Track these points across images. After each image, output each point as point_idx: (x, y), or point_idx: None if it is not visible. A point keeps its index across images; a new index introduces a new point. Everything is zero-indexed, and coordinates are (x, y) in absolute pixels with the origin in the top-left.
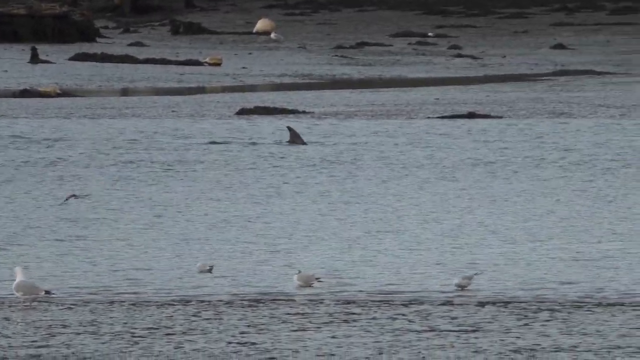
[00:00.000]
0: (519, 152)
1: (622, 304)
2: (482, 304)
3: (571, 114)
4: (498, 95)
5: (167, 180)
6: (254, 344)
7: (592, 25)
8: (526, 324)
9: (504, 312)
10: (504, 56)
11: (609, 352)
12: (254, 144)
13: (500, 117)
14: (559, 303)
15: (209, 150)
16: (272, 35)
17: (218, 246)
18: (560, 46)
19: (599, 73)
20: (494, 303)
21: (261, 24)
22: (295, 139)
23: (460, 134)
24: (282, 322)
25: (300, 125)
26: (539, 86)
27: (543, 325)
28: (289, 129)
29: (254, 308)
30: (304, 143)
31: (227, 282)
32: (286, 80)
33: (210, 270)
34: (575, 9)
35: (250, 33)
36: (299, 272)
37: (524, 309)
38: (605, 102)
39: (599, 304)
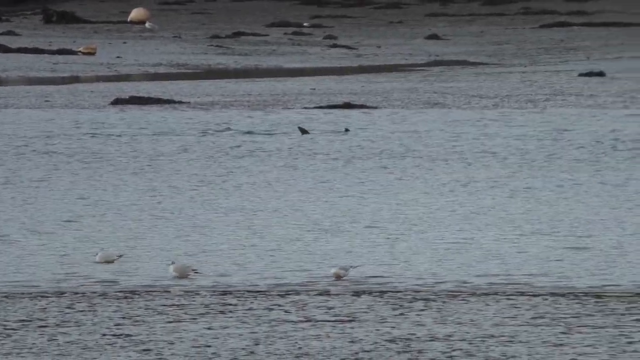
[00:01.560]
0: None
1: (496, 293)
2: (358, 294)
3: (445, 104)
4: (373, 85)
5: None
6: (128, 335)
7: (466, 16)
8: (402, 314)
9: (379, 302)
10: (379, 46)
11: (483, 341)
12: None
13: (376, 107)
14: (434, 292)
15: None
16: (147, 25)
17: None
18: (434, 37)
19: (473, 63)
20: (369, 293)
21: (135, 13)
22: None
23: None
24: (158, 314)
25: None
26: (414, 76)
27: (418, 314)
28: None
29: (129, 300)
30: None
31: (103, 274)
32: (161, 70)
33: (113, 261)
34: (449, 0)
35: (125, 22)
36: (173, 262)
37: (400, 298)
38: (479, 93)
39: (473, 294)
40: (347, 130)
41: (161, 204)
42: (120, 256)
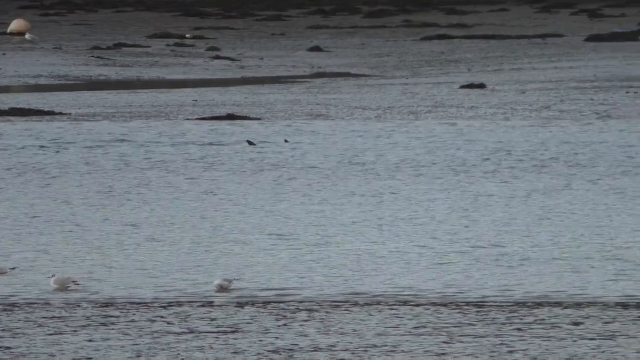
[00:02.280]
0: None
1: (379, 303)
2: (241, 305)
3: (329, 116)
4: (256, 97)
5: None
6: (8, 348)
7: (348, 28)
8: (285, 324)
9: (263, 312)
10: (262, 58)
11: (366, 350)
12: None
13: (259, 119)
14: (317, 303)
15: None
16: (27, 36)
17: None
18: (317, 49)
19: (355, 75)
20: (253, 303)
21: (15, 25)
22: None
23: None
24: (38, 326)
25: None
26: (297, 88)
27: (301, 325)
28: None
29: (9, 312)
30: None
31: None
32: (42, 81)
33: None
34: (331, 12)
35: (4, 33)
36: (53, 275)
37: (283, 309)
38: (362, 104)
39: (356, 303)
40: (286, 140)
41: (54, 217)
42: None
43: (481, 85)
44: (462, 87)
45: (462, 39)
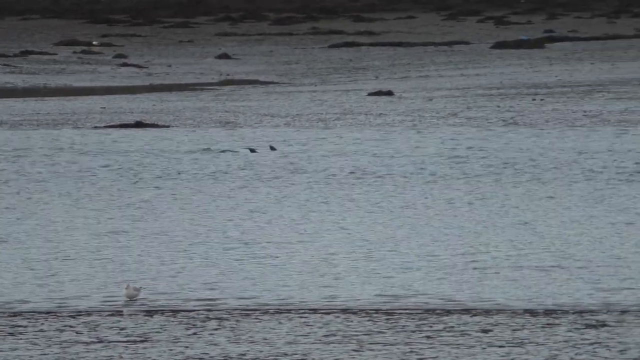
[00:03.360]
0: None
1: (289, 312)
2: (150, 314)
3: (237, 123)
4: (165, 104)
5: None
6: None
7: (256, 35)
8: (195, 333)
9: (172, 321)
10: (170, 65)
11: (276, 359)
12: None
13: (168, 127)
14: (227, 311)
15: None
16: None
17: None
18: (225, 56)
19: (264, 82)
20: (162, 312)
21: None
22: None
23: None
24: None
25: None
26: (205, 95)
27: (211, 334)
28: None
29: None
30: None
31: None
32: None
33: None
34: (239, 19)
35: None
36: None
37: (193, 317)
38: (270, 111)
39: (266, 312)
40: (253, 150)
41: None
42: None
43: (389, 93)
44: (370, 94)
45: (369, 47)
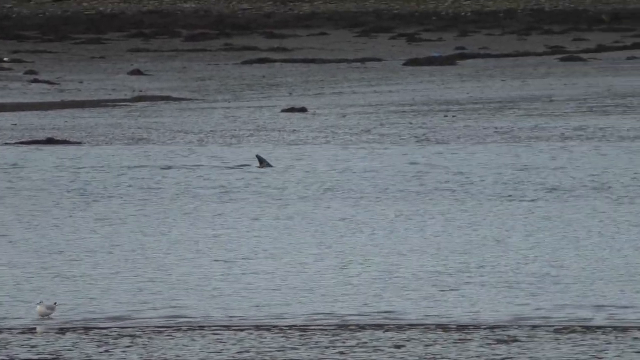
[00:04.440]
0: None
1: (202, 328)
2: (62, 331)
3: (150, 140)
4: (77, 120)
5: None
6: None
7: (169, 51)
8: (107, 351)
9: (84, 339)
10: (82, 82)
11: None
12: None
13: (80, 143)
14: (140, 329)
15: None
16: None
17: None
18: (137, 72)
19: (177, 99)
20: (74, 330)
21: None
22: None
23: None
24: None
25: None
26: (117, 112)
27: (124, 351)
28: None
29: None
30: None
31: None
32: None
33: None
34: (151, 35)
35: None
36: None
37: (105, 335)
38: (183, 128)
39: (179, 329)
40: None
41: None
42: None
43: (302, 109)
44: (284, 110)
45: (282, 63)
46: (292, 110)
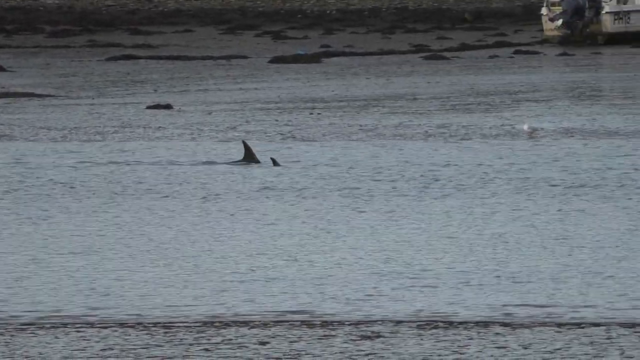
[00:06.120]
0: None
1: (65, 326)
2: None
3: (13, 136)
4: None
5: None
6: None
7: (32, 47)
8: None
9: None
10: None
11: None
12: None
13: None
14: (2, 326)
15: None
16: None
17: None
18: None
19: (40, 95)
20: None
21: None
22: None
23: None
24: None
25: None
26: None
27: None
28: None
29: None
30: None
31: None
32: None
33: None
34: (13, 31)
35: None
36: None
37: None
38: (47, 125)
39: (42, 327)
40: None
41: None
42: None
43: (168, 106)
44: (149, 107)
45: (147, 60)
46: (157, 107)
